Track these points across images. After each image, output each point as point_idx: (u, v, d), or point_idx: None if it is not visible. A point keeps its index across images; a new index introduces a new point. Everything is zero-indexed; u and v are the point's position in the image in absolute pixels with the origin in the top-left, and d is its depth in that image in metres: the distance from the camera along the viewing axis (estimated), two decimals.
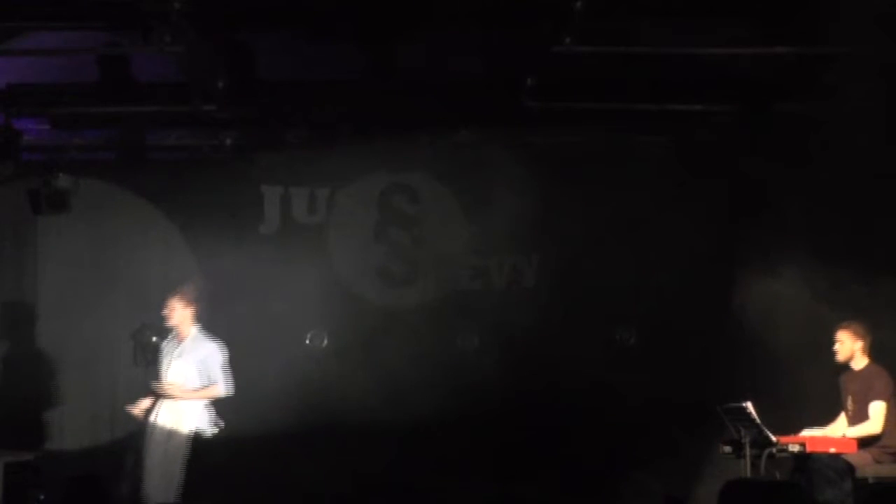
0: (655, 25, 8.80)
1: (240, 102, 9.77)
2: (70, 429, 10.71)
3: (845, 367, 9.02)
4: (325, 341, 10.82)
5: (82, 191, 10.66)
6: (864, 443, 8.68)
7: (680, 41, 8.89)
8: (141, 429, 9.50)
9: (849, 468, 8.42)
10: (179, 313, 9.61)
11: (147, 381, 9.99)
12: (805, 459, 8.52)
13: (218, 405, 9.59)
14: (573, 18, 8.20)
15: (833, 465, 8.41)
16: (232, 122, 10.22)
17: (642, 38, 8.88)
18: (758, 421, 8.55)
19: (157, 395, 9.49)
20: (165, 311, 9.62)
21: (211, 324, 9.65)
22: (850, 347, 8.97)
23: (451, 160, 10.59)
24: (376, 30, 8.83)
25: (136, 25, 8.37)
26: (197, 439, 9.38)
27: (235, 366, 9.69)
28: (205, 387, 9.50)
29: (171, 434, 9.41)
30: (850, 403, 8.91)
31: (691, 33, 8.81)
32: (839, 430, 8.89)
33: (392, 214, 11.06)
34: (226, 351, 9.58)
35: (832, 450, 8.54)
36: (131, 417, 9.74)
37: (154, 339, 10.50)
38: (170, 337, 9.69)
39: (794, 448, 8.58)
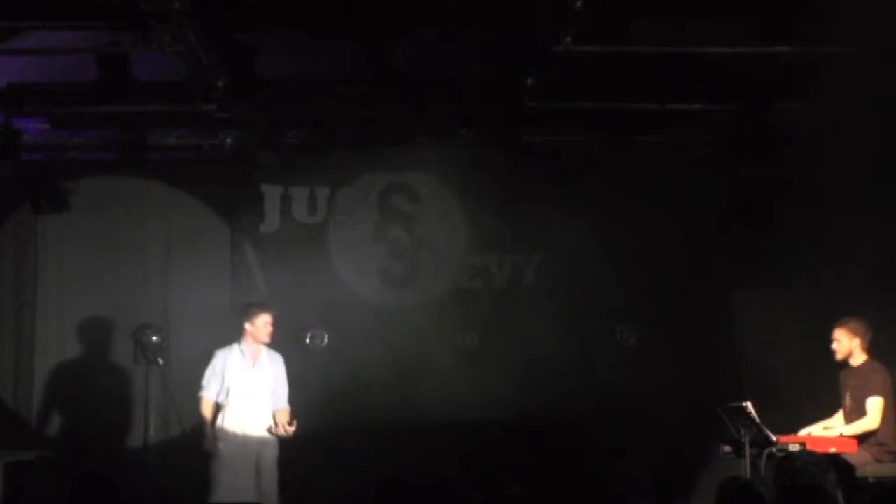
0: (655, 25, 8.80)
1: (240, 102, 9.79)
2: (70, 428, 10.68)
3: (844, 364, 9.02)
4: (325, 341, 10.82)
5: (82, 191, 10.67)
6: (862, 440, 8.67)
7: (680, 41, 8.89)
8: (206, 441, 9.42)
9: (833, 462, 8.38)
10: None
11: (148, 380, 10.02)
12: (784, 459, 8.48)
13: None
14: (573, 18, 8.20)
15: (813, 461, 8.35)
16: (232, 122, 10.22)
17: (642, 38, 8.88)
18: (758, 421, 8.54)
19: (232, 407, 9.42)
20: (269, 330, 9.48)
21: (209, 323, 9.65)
22: (847, 346, 8.96)
23: (451, 160, 10.58)
24: (376, 29, 8.83)
25: (136, 25, 8.36)
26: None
27: None
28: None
29: (263, 441, 9.40)
30: (847, 399, 8.91)
31: (691, 33, 8.81)
32: (836, 428, 8.87)
33: (392, 214, 11.05)
34: None
35: (832, 449, 8.53)
36: (129, 417, 9.73)
37: (154, 338, 10.51)
38: (237, 351, 9.48)
39: (794, 448, 8.57)
